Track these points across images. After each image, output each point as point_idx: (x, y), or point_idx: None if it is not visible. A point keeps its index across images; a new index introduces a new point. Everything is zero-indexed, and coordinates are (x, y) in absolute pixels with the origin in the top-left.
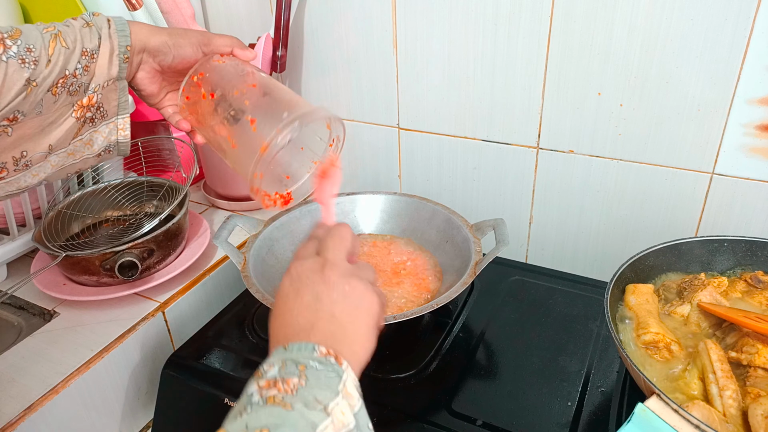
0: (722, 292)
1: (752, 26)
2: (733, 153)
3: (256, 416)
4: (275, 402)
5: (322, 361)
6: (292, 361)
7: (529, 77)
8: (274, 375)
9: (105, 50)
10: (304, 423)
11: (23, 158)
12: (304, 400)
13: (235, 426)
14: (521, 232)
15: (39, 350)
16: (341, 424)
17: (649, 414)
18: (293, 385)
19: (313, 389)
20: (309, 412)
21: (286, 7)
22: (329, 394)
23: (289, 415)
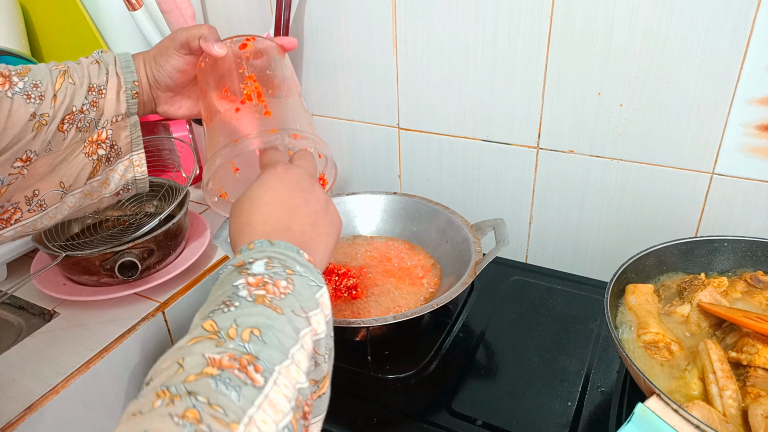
0: (722, 292)
1: (752, 26)
2: (733, 153)
3: (246, 312)
4: (265, 303)
5: (307, 267)
6: (279, 262)
7: (529, 77)
8: (260, 272)
9: (113, 86)
10: (290, 327)
11: (35, 197)
12: (291, 306)
13: (222, 319)
14: (521, 232)
15: (39, 350)
16: (315, 332)
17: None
18: (282, 289)
19: (299, 296)
20: (295, 317)
21: (286, 6)
22: (311, 304)
23: (278, 318)
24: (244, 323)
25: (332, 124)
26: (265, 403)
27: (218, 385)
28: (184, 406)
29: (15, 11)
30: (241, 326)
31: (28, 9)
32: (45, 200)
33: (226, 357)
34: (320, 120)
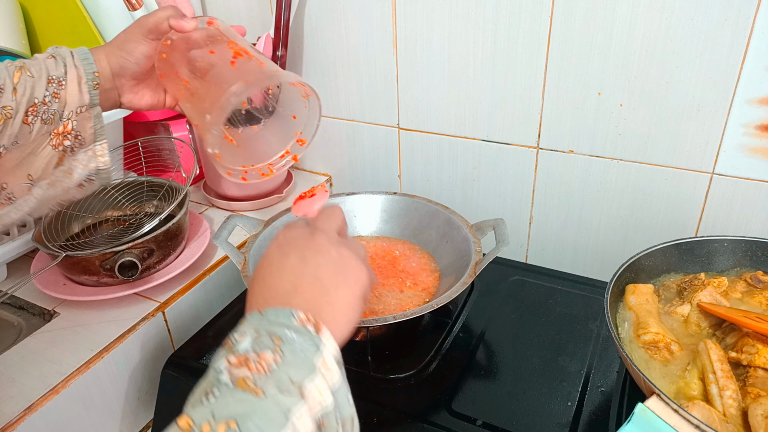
0: (722, 292)
1: (752, 26)
2: (733, 153)
3: (224, 403)
4: (246, 387)
5: (300, 331)
6: (267, 332)
7: (529, 77)
8: (246, 348)
9: (72, 78)
10: (276, 410)
11: (3, 190)
12: (277, 382)
13: (199, 413)
14: (521, 232)
15: (39, 350)
16: (318, 404)
17: (649, 414)
18: (266, 365)
19: (289, 367)
20: (282, 397)
21: (286, 7)
22: (305, 371)
23: (260, 403)
24: (220, 415)
25: (332, 124)
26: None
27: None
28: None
29: (15, 11)
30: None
31: (28, 9)
32: (14, 193)
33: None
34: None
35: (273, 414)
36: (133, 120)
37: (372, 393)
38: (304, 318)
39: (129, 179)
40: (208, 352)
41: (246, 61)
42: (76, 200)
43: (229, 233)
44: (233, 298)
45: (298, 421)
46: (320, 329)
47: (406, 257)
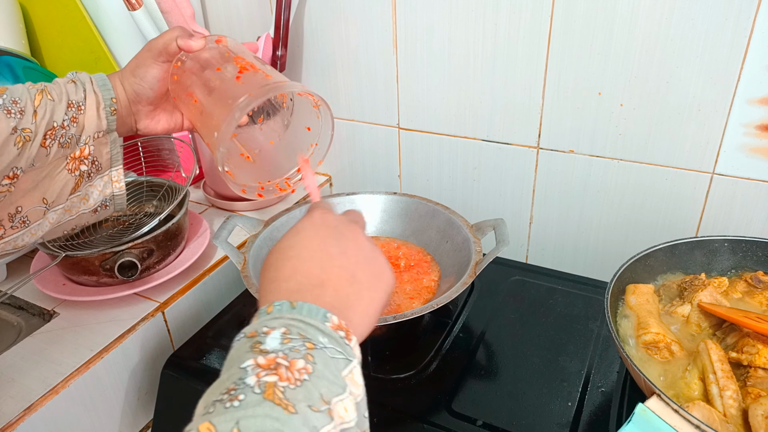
0: (722, 292)
1: (752, 26)
2: (733, 153)
3: (251, 413)
4: (275, 399)
5: (332, 337)
6: (299, 332)
7: (530, 77)
8: (275, 348)
9: (91, 103)
10: (306, 429)
11: (18, 214)
12: (308, 398)
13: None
14: (521, 232)
15: (39, 350)
16: (341, 421)
17: (650, 414)
18: (298, 374)
19: (320, 381)
20: (312, 414)
21: (286, 6)
22: (335, 388)
23: (290, 420)
24: (247, 428)
25: None
26: None
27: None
28: None
29: (15, 11)
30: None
31: (28, 9)
32: (28, 216)
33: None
34: None
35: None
36: None
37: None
38: (337, 323)
39: (128, 179)
40: (207, 353)
41: (252, 75)
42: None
43: (229, 233)
44: (233, 298)
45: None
46: (350, 338)
47: (406, 257)
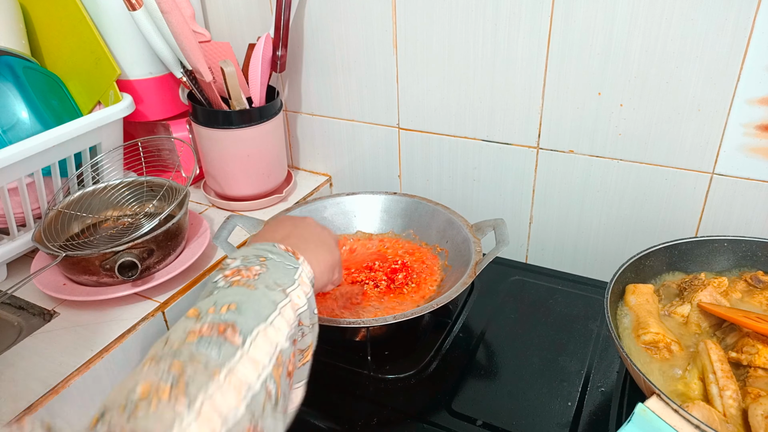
0: (722, 292)
1: (752, 26)
2: (733, 153)
3: (223, 294)
4: (240, 284)
5: (281, 254)
6: (254, 255)
7: (529, 77)
8: (237, 265)
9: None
10: (266, 300)
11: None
12: (265, 282)
13: (204, 303)
14: (521, 232)
15: (39, 350)
16: (296, 305)
17: (650, 414)
18: (255, 272)
19: (273, 275)
20: (270, 292)
21: (286, 6)
22: (287, 280)
23: (253, 293)
24: (221, 302)
25: (332, 124)
26: (244, 358)
27: (199, 346)
28: (168, 362)
29: (15, 11)
30: (219, 304)
31: (28, 9)
32: None
33: (206, 326)
34: (320, 120)
35: (264, 302)
36: (133, 120)
37: (372, 393)
38: (284, 248)
39: (129, 179)
40: None
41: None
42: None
43: (229, 233)
44: None
45: (284, 309)
46: (298, 256)
47: (406, 257)
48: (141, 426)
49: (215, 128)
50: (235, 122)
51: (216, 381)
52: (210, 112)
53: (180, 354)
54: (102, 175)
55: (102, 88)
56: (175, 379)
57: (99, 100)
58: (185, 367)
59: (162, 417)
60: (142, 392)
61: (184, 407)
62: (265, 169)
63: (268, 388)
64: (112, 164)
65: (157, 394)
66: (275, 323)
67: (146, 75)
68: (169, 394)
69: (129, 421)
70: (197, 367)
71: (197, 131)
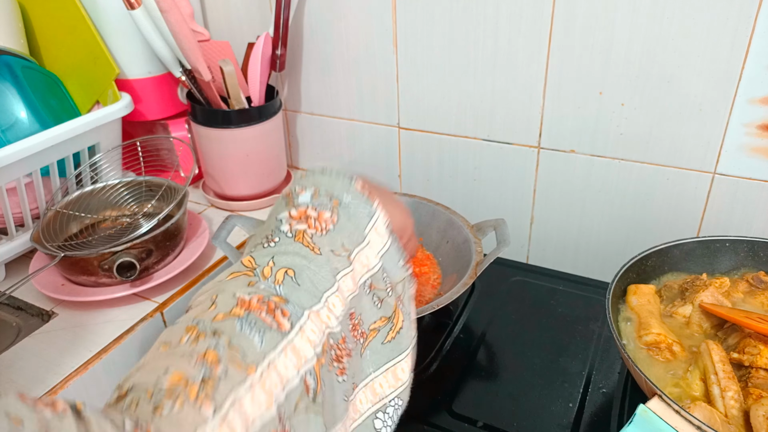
0: (724, 293)
1: (754, 26)
2: (734, 153)
3: (283, 250)
4: (304, 242)
5: (356, 195)
6: (326, 192)
7: (530, 77)
8: (306, 202)
9: None
10: (327, 269)
11: None
12: (332, 244)
13: (261, 255)
14: (522, 232)
15: (37, 351)
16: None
17: (651, 415)
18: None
19: (342, 232)
20: (334, 258)
21: (285, 5)
22: (356, 237)
23: (315, 259)
24: (280, 262)
25: (332, 123)
26: (288, 348)
27: (243, 327)
28: (205, 345)
29: (13, 10)
30: (276, 265)
31: (27, 8)
32: None
33: (255, 298)
34: (320, 120)
35: (324, 272)
36: (132, 119)
37: None
38: (362, 185)
39: (127, 179)
40: None
41: None
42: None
43: (228, 233)
44: None
45: (342, 282)
46: (374, 199)
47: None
48: (164, 425)
49: (214, 128)
50: (235, 122)
51: (250, 380)
52: (209, 111)
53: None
54: (100, 174)
55: (101, 88)
56: (206, 373)
57: (97, 99)
58: (221, 357)
59: (185, 419)
60: (171, 382)
61: (209, 411)
62: (265, 168)
63: (306, 383)
64: (110, 164)
65: (185, 390)
66: (330, 301)
67: (145, 74)
68: (197, 393)
69: (154, 415)
70: (234, 357)
71: (196, 131)
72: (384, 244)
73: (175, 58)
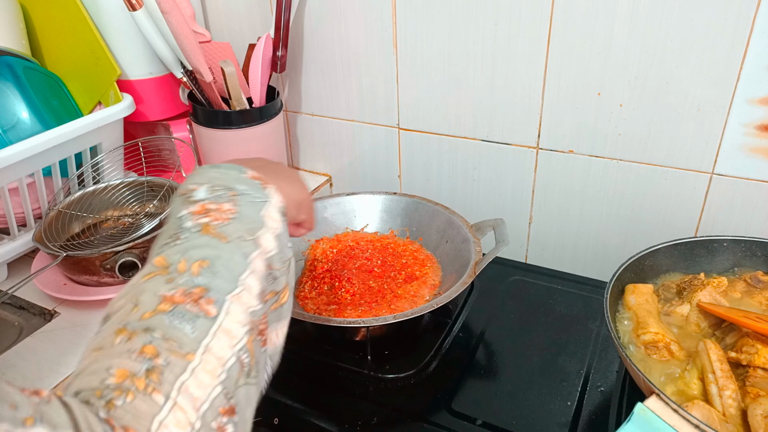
0: (722, 292)
1: (752, 26)
2: (732, 153)
3: (193, 244)
4: (210, 232)
5: (250, 184)
6: (221, 183)
7: (529, 77)
8: (203, 197)
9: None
10: (238, 255)
11: None
12: (237, 231)
13: (172, 253)
14: (521, 232)
15: (39, 350)
16: (266, 250)
17: (649, 414)
18: (226, 213)
19: (245, 220)
20: (242, 243)
21: (286, 7)
22: (257, 223)
23: (225, 247)
24: (192, 256)
25: (332, 124)
26: (219, 331)
27: (172, 320)
28: (141, 342)
29: (15, 11)
30: (190, 259)
31: (28, 9)
32: None
33: (178, 292)
34: (320, 120)
35: (237, 258)
36: (134, 120)
37: (372, 393)
38: (253, 174)
39: (129, 179)
40: None
41: None
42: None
43: None
44: None
45: (255, 263)
46: (266, 185)
47: (405, 257)
48: (119, 416)
49: (215, 128)
50: (236, 122)
51: (191, 366)
52: (210, 112)
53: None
54: (102, 175)
55: (102, 88)
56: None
57: (99, 100)
58: (159, 350)
59: (140, 410)
60: (117, 378)
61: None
62: None
63: (241, 360)
64: (112, 164)
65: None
66: (247, 283)
67: (146, 75)
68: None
69: (109, 410)
70: (171, 348)
71: (197, 131)
72: (278, 227)
73: (177, 59)
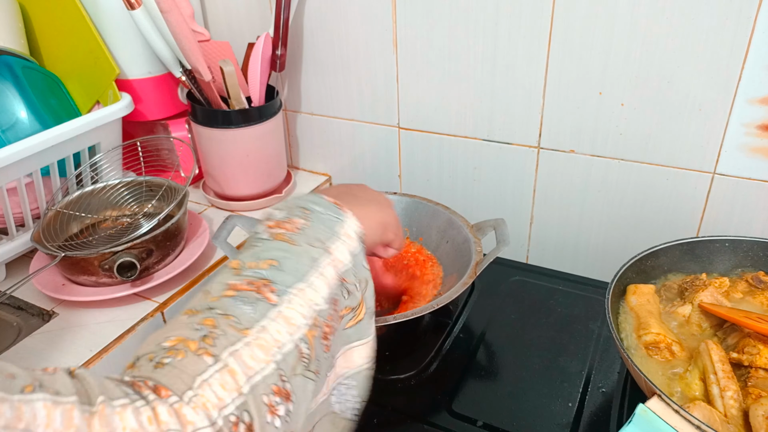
0: (723, 293)
1: (753, 26)
2: (734, 153)
3: (265, 248)
4: (282, 238)
5: (326, 205)
6: (298, 206)
7: (530, 77)
8: (280, 216)
9: None
10: (307, 258)
11: None
12: (307, 238)
13: (246, 256)
14: (522, 232)
15: (38, 351)
16: (340, 262)
17: (650, 415)
18: (298, 225)
19: (315, 230)
20: (311, 249)
21: (285, 6)
22: (329, 234)
23: (294, 249)
24: (263, 257)
25: (332, 123)
26: (278, 317)
27: (236, 301)
28: (203, 316)
29: (14, 10)
30: (261, 259)
31: (27, 8)
32: None
33: (244, 282)
34: (320, 120)
35: (304, 260)
36: (132, 119)
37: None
38: (332, 200)
39: (128, 179)
40: None
41: None
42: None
43: (229, 233)
44: None
45: (324, 268)
46: (344, 210)
47: (406, 257)
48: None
49: (214, 128)
50: (235, 122)
51: (246, 338)
52: (209, 111)
53: (216, 308)
54: (101, 175)
55: (101, 88)
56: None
57: (98, 99)
58: (217, 322)
59: (186, 368)
60: (171, 343)
61: (210, 359)
62: (265, 168)
63: (300, 349)
64: (111, 164)
65: (185, 345)
66: (313, 283)
67: (145, 74)
68: (198, 346)
69: (155, 369)
70: (229, 322)
71: (196, 131)
72: (353, 245)
73: (176, 58)
